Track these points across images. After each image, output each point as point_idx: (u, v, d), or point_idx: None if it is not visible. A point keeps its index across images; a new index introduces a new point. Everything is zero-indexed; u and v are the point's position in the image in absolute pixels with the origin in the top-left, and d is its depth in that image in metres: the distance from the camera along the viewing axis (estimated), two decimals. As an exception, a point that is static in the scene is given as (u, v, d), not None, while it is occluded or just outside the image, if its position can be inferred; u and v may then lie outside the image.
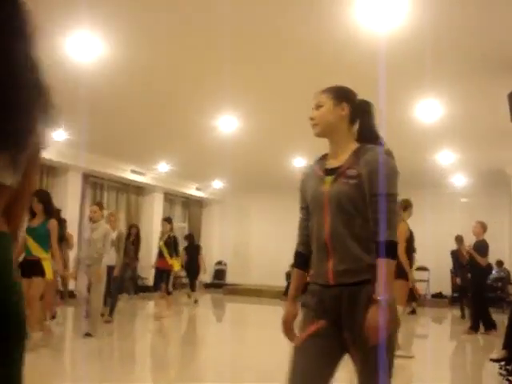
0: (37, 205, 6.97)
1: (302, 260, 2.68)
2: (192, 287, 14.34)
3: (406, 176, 13.95)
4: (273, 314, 12.13)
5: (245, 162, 13.57)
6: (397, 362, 5.91)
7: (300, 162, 13.32)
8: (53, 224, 7.08)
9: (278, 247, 17.39)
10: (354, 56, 6.53)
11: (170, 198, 18.58)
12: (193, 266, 14.17)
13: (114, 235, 9.10)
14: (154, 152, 13.40)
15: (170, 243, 10.74)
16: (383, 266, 2.32)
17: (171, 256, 10.68)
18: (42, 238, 6.92)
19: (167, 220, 11.35)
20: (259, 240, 18.51)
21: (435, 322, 11.80)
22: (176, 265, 10.90)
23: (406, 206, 7.33)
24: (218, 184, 17.82)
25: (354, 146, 2.58)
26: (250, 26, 5.93)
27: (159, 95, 8.61)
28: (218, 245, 19.54)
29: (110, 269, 8.67)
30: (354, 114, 2.66)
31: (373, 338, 2.25)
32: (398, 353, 6.51)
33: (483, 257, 9.74)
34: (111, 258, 8.76)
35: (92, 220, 8.34)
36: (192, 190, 18.25)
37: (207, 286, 19.16)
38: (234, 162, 13.33)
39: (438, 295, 15.52)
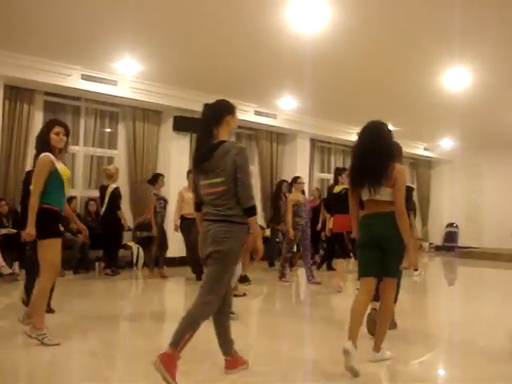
0: None
1: None
2: None
3: None
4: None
5: (476, 118, 12.83)
6: None
7: (540, 115, 12.25)
8: None
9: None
10: None
11: (395, 159, 18.26)
12: None
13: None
14: (379, 114, 13.21)
15: None
16: None
17: None
18: None
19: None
20: (493, 200, 17.46)
21: None
22: None
23: None
24: (447, 143, 17.09)
25: None
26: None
27: (381, 57, 8.53)
28: (448, 206, 18.87)
29: None
30: None
31: None
32: None
33: None
34: None
35: None
36: (420, 150, 17.76)
37: (438, 248, 18.65)
38: (465, 118, 12.69)
39: None
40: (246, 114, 12.28)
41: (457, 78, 9.29)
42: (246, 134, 13.57)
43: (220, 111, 3.97)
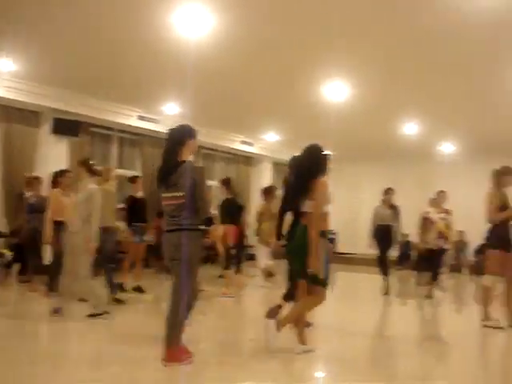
0: None
1: None
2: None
3: None
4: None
5: (354, 130, 13.39)
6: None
7: (412, 128, 12.96)
8: None
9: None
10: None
11: (279, 167, 18.62)
12: None
13: None
14: (262, 122, 13.51)
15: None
16: None
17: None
18: None
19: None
20: (368, 208, 18.21)
21: None
22: None
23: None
24: (327, 153, 17.63)
25: None
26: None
27: (266, 66, 8.70)
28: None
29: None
30: None
31: None
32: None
33: None
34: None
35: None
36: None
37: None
38: (343, 130, 13.17)
39: None
40: (130, 118, 12.09)
41: (335, 91, 9.64)
42: (129, 139, 13.33)
43: (183, 135, 4.67)
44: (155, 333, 4.89)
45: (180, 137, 4.66)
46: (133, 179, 9.21)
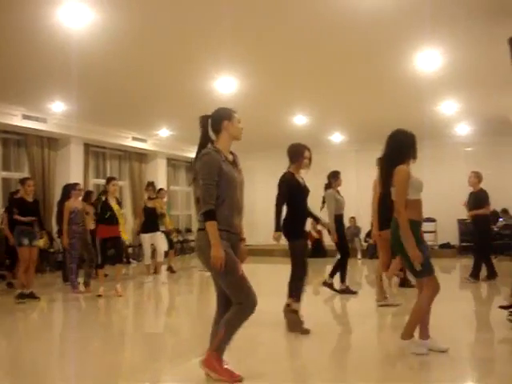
0: None
1: None
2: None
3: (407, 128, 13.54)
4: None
5: (246, 122, 13.33)
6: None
7: (301, 120, 13.23)
8: None
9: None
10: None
11: (174, 163, 18.43)
12: None
13: None
14: (153, 118, 13.26)
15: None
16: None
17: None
18: None
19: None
20: (265, 200, 18.33)
21: (443, 272, 11.77)
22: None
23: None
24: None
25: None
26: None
27: (154, 59, 8.44)
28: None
29: None
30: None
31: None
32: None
33: (486, 205, 9.52)
34: None
35: None
36: (195, 154, 18.10)
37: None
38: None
39: (446, 245, 15.61)
40: (14, 118, 11.54)
41: (225, 84, 9.66)
42: (14, 139, 12.70)
43: (216, 118, 4.05)
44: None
45: (213, 121, 4.10)
46: (23, 181, 8.91)
